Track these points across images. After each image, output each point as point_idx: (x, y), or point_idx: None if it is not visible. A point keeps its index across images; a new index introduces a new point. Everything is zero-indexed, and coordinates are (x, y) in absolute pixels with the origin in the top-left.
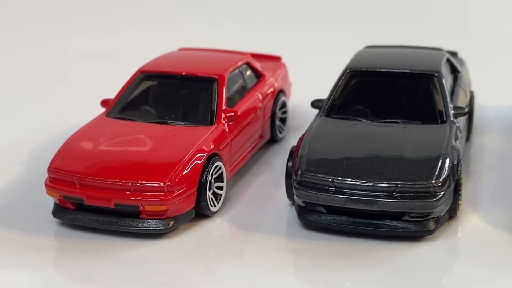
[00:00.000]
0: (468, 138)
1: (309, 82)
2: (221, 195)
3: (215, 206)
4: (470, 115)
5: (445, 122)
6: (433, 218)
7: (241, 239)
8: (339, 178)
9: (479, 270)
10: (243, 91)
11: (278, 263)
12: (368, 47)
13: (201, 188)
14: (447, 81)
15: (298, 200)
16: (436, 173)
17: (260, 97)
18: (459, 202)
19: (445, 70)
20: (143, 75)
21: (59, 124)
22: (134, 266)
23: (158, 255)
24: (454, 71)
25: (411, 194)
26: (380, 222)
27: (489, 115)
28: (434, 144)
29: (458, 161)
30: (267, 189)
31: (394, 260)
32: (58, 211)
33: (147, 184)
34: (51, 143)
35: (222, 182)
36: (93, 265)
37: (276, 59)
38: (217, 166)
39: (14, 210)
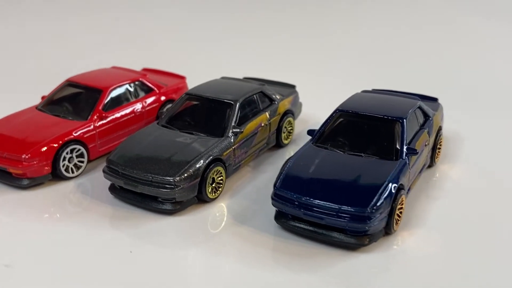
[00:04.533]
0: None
1: None
2: (82, 166)
3: (73, 173)
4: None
5: (222, 136)
6: (179, 202)
7: (83, 198)
8: (126, 168)
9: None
10: (128, 100)
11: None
12: (223, 77)
13: (56, 160)
14: (236, 108)
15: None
16: (180, 172)
17: (144, 104)
18: (219, 191)
19: (244, 102)
20: (68, 83)
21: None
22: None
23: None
24: (271, 100)
25: (159, 185)
26: (146, 200)
27: None
28: (194, 151)
29: (211, 162)
30: None
31: (149, 222)
32: None
33: (13, 154)
34: None
35: (83, 158)
36: None
37: (181, 77)
38: (75, 148)
39: None
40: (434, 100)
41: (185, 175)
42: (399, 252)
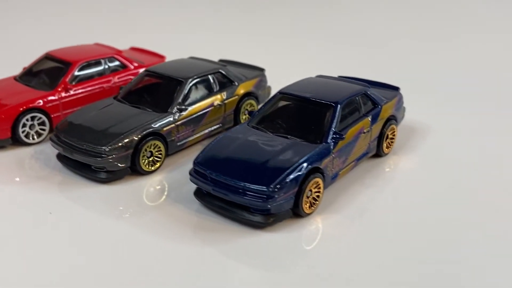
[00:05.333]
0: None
1: None
2: (43, 134)
3: (34, 139)
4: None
5: (166, 112)
6: (111, 171)
7: (37, 164)
8: (66, 136)
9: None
10: (100, 75)
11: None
12: (191, 57)
13: (15, 126)
14: (186, 86)
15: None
16: (112, 142)
17: (116, 80)
18: (157, 165)
19: (197, 81)
20: (46, 55)
21: None
22: None
23: None
24: (231, 81)
25: (91, 153)
26: (82, 168)
27: None
28: (132, 123)
29: (147, 135)
30: None
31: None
32: None
33: None
34: None
35: (45, 126)
36: None
37: (161, 57)
38: (36, 116)
39: None
40: (396, 89)
41: (117, 145)
42: (305, 234)
